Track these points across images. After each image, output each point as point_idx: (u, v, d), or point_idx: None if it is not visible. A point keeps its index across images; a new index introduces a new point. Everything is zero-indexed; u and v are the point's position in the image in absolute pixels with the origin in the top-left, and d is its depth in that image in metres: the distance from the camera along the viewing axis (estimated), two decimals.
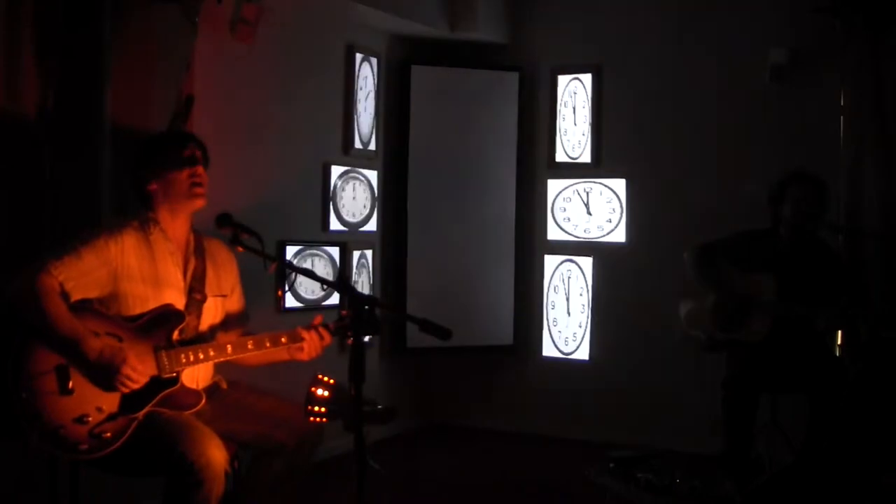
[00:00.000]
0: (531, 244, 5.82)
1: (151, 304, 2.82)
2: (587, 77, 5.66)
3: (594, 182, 5.64)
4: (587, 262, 5.65)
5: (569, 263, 5.71)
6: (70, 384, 2.63)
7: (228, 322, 3.09)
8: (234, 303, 3.14)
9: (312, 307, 4.75)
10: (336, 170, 5.08)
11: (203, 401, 2.84)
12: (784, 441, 4.22)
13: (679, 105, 5.39)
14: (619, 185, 5.56)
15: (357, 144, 5.24)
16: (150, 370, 2.74)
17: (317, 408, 2.68)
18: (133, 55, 3.55)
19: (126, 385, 2.66)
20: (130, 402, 2.70)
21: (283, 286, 4.52)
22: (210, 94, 4.10)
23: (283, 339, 2.96)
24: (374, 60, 5.37)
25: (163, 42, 3.66)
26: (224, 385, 3.08)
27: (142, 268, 2.83)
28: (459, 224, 5.68)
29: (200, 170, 2.94)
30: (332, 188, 5.06)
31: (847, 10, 4.66)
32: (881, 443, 4.03)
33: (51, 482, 2.81)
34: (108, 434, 2.66)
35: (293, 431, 2.90)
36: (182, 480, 2.59)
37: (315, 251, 4.92)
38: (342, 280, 2.77)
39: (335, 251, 5.04)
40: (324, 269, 4.94)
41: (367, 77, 5.32)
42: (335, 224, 5.08)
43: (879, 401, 4.21)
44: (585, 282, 5.65)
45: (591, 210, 5.65)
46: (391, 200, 5.58)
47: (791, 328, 4.02)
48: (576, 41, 5.70)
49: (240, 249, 2.89)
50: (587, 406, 5.60)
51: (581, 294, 5.67)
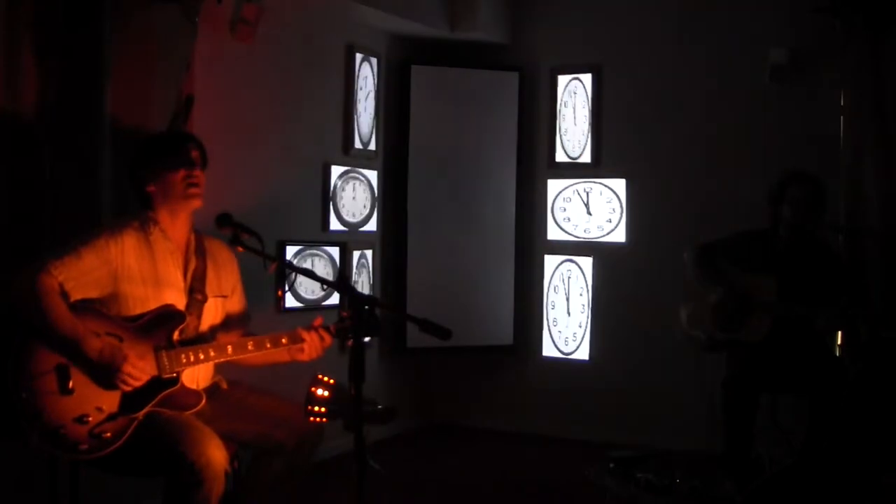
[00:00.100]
0: (531, 244, 5.82)
1: (152, 305, 2.82)
2: (587, 77, 5.66)
3: (594, 182, 5.64)
4: (587, 262, 5.65)
5: (569, 263, 5.71)
6: (70, 384, 2.63)
7: (229, 323, 3.09)
8: (235, 303, 3.14)
9: (312, 307, 4.76)
10: (336, 170, 5.08)
11: (203, 401, 2.84)
12: (784, 441, 4.22)
13: (679, 105, 5.39)
14: (619, 185, 5.56)
15: (357, 144, 5.24)
16: (151, 370, 2.74)
17: (317, 408, 2.68)
18: (133, 55, 3.55)
19: (127, 384, 2.66)
20: (130, 402, 2.71)
21: (283, 286, 4.53)
22: (210, 94, 4.10)
23: (284, 340, 2.96)
24: (374, 60, 5.37)
25: (163, 42, 3.65)
26: (224, 385, 3.08)
27: (142, 268, 2.83)
28: (459, 224, 5.68)
29: (196, 171, 2.93)
30: (332, 188, 5.06)
31: (847, 10, 4.65)
32: (881, 443, 4.03)
33: (51, 482, 2.82)
34: (109, 434, 2.66)
35: (293, 431, 2.90)
36: (182, 480, 2.59)
37: (315, 251, 4.92)
38: (342, 280, 2.76)
39: (335, 251, 5.05)
40: (324, 269, 4.94)
41: (367, 77, 5.32)
42: (335, 224, 5.08)
43: (879, 401, 4.21)
44: (585, 282, 5.65)
45: (591, 210, 5.65)
46: (391, 200, 5.58)
47: (791, 328, 4.02)
48: (576, 41, 5.70)
49: (240, 249, 2.90)
50: (587, 406, 5.60)
51: (581, 294, 5.67)
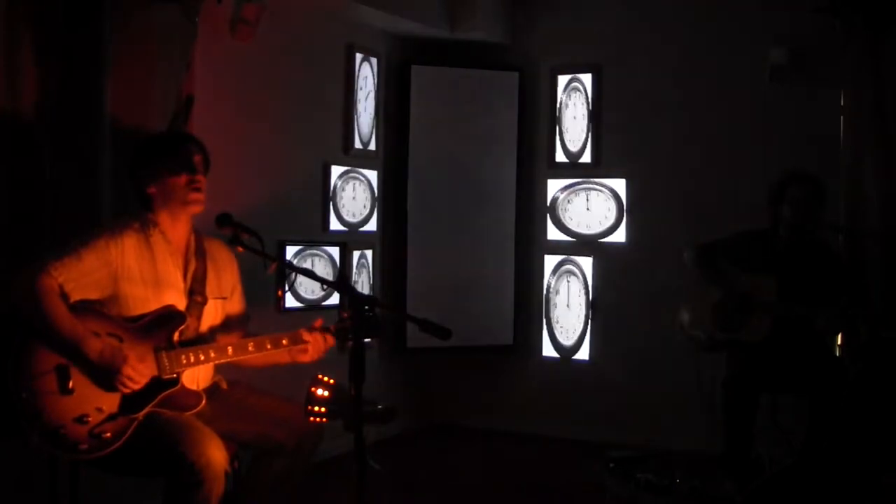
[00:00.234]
0: (531, 244, 5.81)
1: (152, 306, 2.82)
2: (587, 77, 5.66)
3: (594, 182, 5.64)
4: (587, 262, 5.65)
5: (569, 263, 5.71)
6: (70, 384, 2.63)
7: (229, 324, 3.08)
8: (235, 305, 3.13)
9: (313, 306, 4.75)
10: (336, 170, 5.08)
11: (203, 402, 2.83)
12: (784, 441, 4.22)
13: (679, 105, 5.39)
14: (619, 185, 5.56)
15: (357, 144, 5.24)
16: (151, 371, 2.74)
17: (317, 408, 2.68)
18: (133, 55, 3.54)
19: (127, 385, 2.66)
20: (130, 403, 2.70)
21: (283, 286, 4.52)
22: (210, 94, 4.09)
23: (285, 342, 2.96)
24: (374, 60, 5.37)
25: (163, 42, 3.65)
26: (224, 385, 3.08)
27: (142, 269, 2.83)
28: (459, 224, 5.68)
29: (199, 176, 2.92)
30: (332, 188, 5.06)
31: (847, 10, 4.65)
32: (881, 443, 4.03)
33: (51, 482, 2.81)
34: (108, 434, 2.65)
35: (293, 431, 2.90)
36: (182, 480, 2.59)
37: (315, 251, 4.92)
38: (342, 280, 2.76)
39: (335, 251, 5.05)
40: (324, 270, 4.94)
41: (367, 77, 5.32)
42: (335, 224, 5.08)
43: (879, 401, 4.21)
44: (585, 282, 5.65)
45: (591, 210, 5.65)
46: (391, 200, 5.58)
47: (791, 328, 4.02)
48: (576, 41, 5.70)
49: (240, 249, 2.89)
50: (587, 406, 5.60)
51: (581, 294, 5.67)
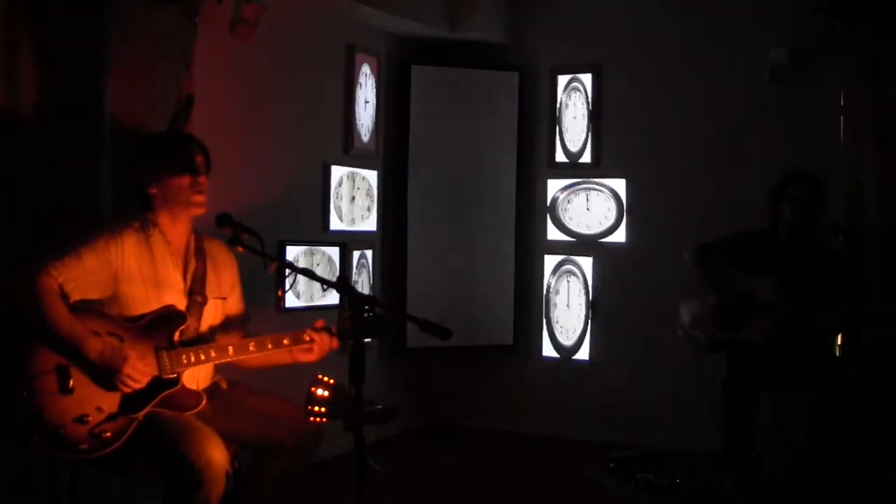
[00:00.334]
0: (531, 244, 5.81)
1: (152, 306, 2.82)
2: (587, 77, 5.66)
3: (594, 182, 5.64)
4: (587, 262, 5.65)
5: (569, 263, 5.71)
6: (70, 383, 2.63)
7: (228, 324, 3.09)
8: (234, 305, 3.13)
9: (313, 307, 4.75)
10: (336, 170, 5.08)
11: (204, 402, 2.84)
12: (784, 441, 4.22)
13: (679, 105, 5.39)
14: (619, 185, 5.56)
15: (357, 144, 5.24)
16: (152, 370, 2.74)
17: (317, 408, 2.68)
18: (133, 55, 3.54)
19: (127, 385, 2.66)
20: (131, 403, 2.71)
21: (284, 286, 4.52)
22: (210, 94, 4.09)
23: (286, 341, 2.96)
24: (374, 60, 5.37)
25: (163, 42, 3.65)
26: (224, 385, 3.08)
27: (142, 269, 2.83)
28: (459, 224, 5.68)
29: (201, 178, 2.92)
30: (333, 188, 5.06)
31: (847, 10, 4.65)
32: (882, 443, 4.03)
33: (51, 482, 2.81)
34: (108, 434, 2.66)
35: (293, 431, 2.90)
36: (182, 481, 2.59)
37: (315, 251, 4.91)
38: (342, 280, 2.75)
39: (335, 251, 5.04)
40: (323, 270, 4.93)
41: (367, 77, 5.32)
42: (335, 224, 5.08)
43: (880, 401, 4.21)
44: (585, 282, 5.65)
45: (591, 210, 5.65)
46: (391, 200, 5.58)
47: (791, 328, 4.02)
48: (576, 41, 5.70)
49: (240, 249, 2.89)
50: (587, 406, 5.60)
51: (581, 294, 5.67)
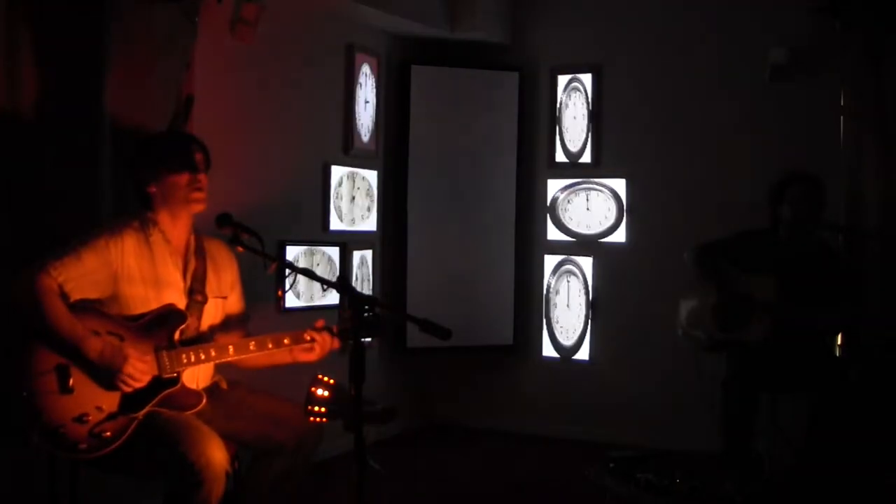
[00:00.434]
0: (531, 244, 5.81)
1: (152, 305, 2.82)
2: (587, 77, 5.66)
3: (594, 182, 5.64)
4: (587, 262, 5.65)
5: (569, 263, 5.71)
6: (70, 383, 2.63)
7: (228, 324, 3.09)
8: (234, 304, 3.14)
9: (313, 307, 4.75)
10: (336, 170, 5.08)
11: (203, 401, 2.83)
12: (784, 441, 4.22)
13: (679, 105, 5.39)
14: (619, 185, 5.56)
15: (357, 144, 5.24)
16: (152, 370, 2.74)
17: (317, 408, 2.68)
18: (133, 55, 3.54)
19: (128, 384, 2.66)
20: (130, 402, 2.71)
21: (284, 286, 4.52)
22: (210, 94, 4.09)
23: (287, 341, 2.96)
24: (374, 60, 5.37)
25: (163, 42, 3.65)
26: (224, 385, 3.08)
27: (142, 269, 2.83)
28: (459, 224, 5.68)
29: (201, 175, 2.92)
30: (333, 188, 5.06)
31: (847, 10, 4.66)
32: (882, 443, 4.03)
33: (50, 482, 2.81)
34: (108, 433, 2.66)
35: (293, 431, 2.90)
36: (182, 481, 2.59)
37: (315, 251, 4.91)
38: (342, 280, 2.75)
39: (335, 251, 5.04)
40: (323, 270, 4.93)
41: (367, 77, 5.32)
42: (335, 224, 5.08)
43: (880, 401, 4.21)
44: (585, 282, 5.65)
45: (592, 210, 5.65)
46: (391, 200, 5.58)
47: (791, 328, 4.02)
48: (576, 41, 5.70)
49: (240, 249, 2.89)
50: (587, 406, 5.60)
51: (581, 294, 5.67)
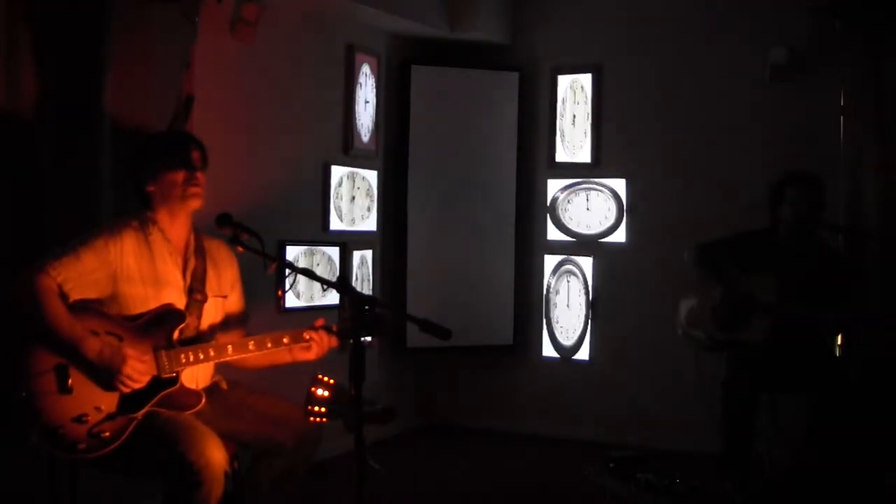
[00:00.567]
0: (531, 244, 5.81)
1: (152, 305, 2.82)
2: (587, 77, 5.66)
3: (594, 182, 5.64)
4: (587, 262, 5.65)
5: (569, 263, 5.71)
6: (69, 383, 2.63)
7: (228, 323, 3.09)
8: (234, 303, 3.13)
9: (313, 307, 4.75)
10: (336, 170, 5.08)
11: (203, 401, 2.83)
12: (784, 441, 4.22)
13: (679, 105, 5.39)
14: (619, 185, 5.56)
15: (357, 144, 5.23)
16: (150, 370, 2.74)
17: (317, 408, 2.68)
18: (133, 55, 3.54)
19: (126, 384, 2.66)
20: (130, 402, 2.70)
21: (284, 286, 4.52)
22: (210, 94, 4.09)
23: (286, 340, 2.95)
24: (374, 60, 5.37)
25: (163, 42, 3.65)
26: (224, 385, 3.08)
27: (141, 268, 2.83)
28: (459, 224, 5.68)
29: (197, 172, 2.92)
30: (332, 188, 5.06)
31: (847, 10, 4.66)
32: (882, 443, 4.03)
33: (50, 482, 2.81)
34: (107, 434, 2.65)
35: (293, 431, 2.90)
36: (182, 481, 2.59)
37: (315, 251, 4.91)
38: (342, 280, 2.75)
39: (335, 251, 5.04)
40: (323, 270, 4.93)
41: (367, 77, 5.32)
42: (335, 224, 5.08)
43: (880, 401, 4.21)
44: (585, 282, 5.65)
45: (592, 210, 5.65)
46: (391, 200, 5.58)
47: (791, 328, 4.02)
48: (576, 41, 5.70)
49: (240, 249, 2.89)
50: (587, 406, 5.60)
51: (581, 294, 5.67)
